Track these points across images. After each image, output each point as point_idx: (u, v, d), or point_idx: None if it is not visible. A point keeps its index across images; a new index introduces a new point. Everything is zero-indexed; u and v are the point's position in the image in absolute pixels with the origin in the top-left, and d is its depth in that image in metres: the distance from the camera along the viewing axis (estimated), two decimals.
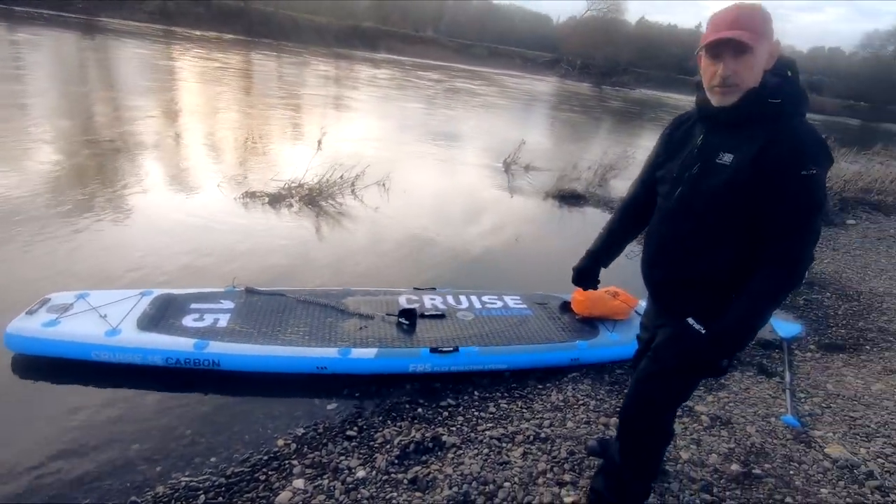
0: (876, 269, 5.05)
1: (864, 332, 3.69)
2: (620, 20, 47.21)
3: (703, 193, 1.32)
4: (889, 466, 2.07)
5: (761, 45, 1.22)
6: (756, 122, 1.25)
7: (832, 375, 2.94)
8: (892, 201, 7.47)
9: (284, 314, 2.73)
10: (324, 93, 13.93)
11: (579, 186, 6.81)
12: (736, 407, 2.50)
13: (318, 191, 5.16)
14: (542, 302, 3.27)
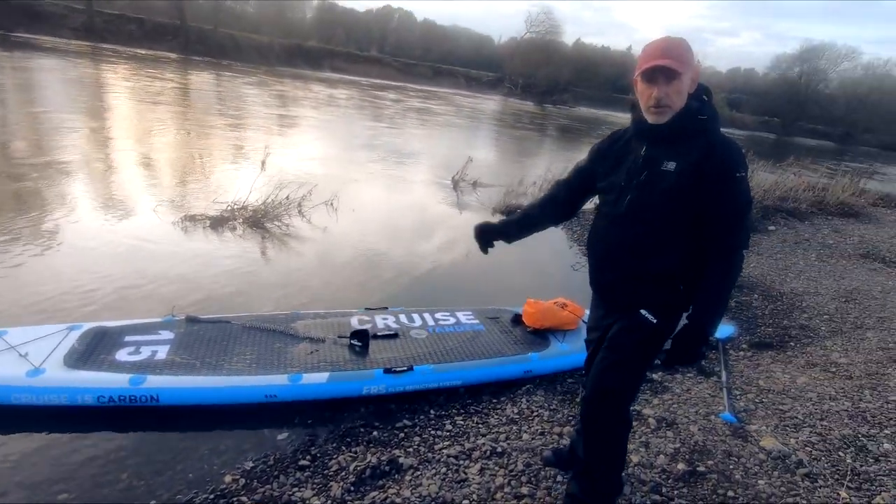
0: (795, 271, 5.49)
1: (789, 330, 4.00)
2: (558, 42, 49.49)
3: (651, 197, 1.48)
4: (815, 454, 2.23)
5: (686, 73, 1.42)
6: (690, 136, 1.45)
7: (763, 372, 3.15)
8: (805, 208, 8.18)
9: (229, 342, 2.62)
10: (268, 112, 13.63)
11: (525, 201, 6.99)
12: (679, 408, 2.62)
13: (263, 212, 5.01)
14: (494, 316, 3.32)
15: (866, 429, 2.45)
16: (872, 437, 2.37)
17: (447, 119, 19.17)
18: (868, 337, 3.86)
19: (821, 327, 4.08)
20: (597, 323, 1.76)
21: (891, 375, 3.08)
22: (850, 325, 4.14)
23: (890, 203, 10.22)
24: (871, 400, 2.75)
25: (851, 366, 3.24)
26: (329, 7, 53.75)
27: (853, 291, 4.94)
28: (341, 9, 55.25)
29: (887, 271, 5.81)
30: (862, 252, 6.47)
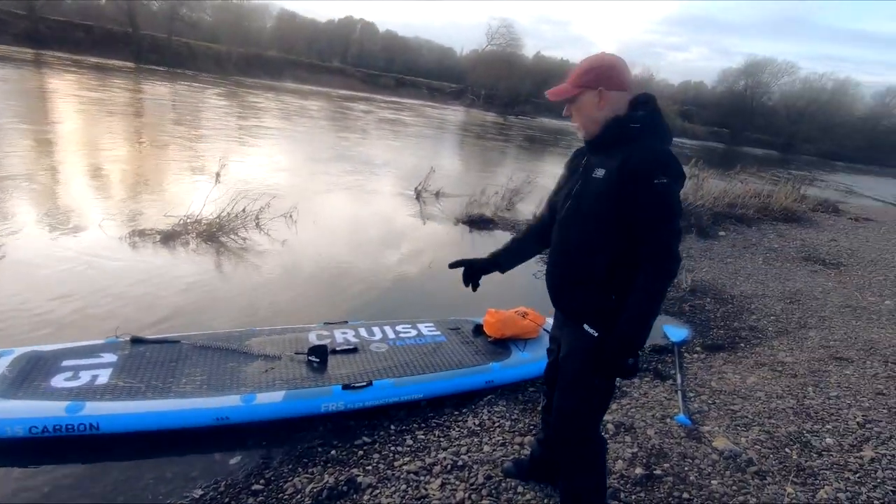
0: (744, 275, 5.74)
1: (739, 332, 4.16)
2: (518, 54, 50.60)
3: (583, 203, 1.54)
4: (764, 451, 2.32)
5: (582, 95, 1.52)
6: (620, 143, 1.48)
7: (715, 373, 3.25)
8: (752, 214, 8.59)
9: (178, 363, 2.50)
10: (226, 123, 13.29)
11: (488, 211, 7.07)
12: (637, 412, 2.67)
13: (218, 226, 4.85)
14: (456, 327, 3.31)
15: (810, 425, 2.57)
16: (816, 433, 2.48)
17: (411, 130, 19.20)
18: (811, 336, 4.06)
19: (768, 328, 4.27)
20: (554, 332, 1.78)
21: (831, 372, 3.24)
22: (794, 325, 4.35)
23: (828, 208, 10.87)
24: (814, 397, 2.88)
25: (796, 364, 3.40)
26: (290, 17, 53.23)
27: (797, 293, 5.20)
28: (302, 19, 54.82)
29: (826, 273, 6.15)
30: (804, 255, 6.83)
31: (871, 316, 4.70)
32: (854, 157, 45.93)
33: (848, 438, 2.44)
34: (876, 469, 2.20)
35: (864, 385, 3.05)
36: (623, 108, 1.50)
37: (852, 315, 4.69)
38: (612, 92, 1.49)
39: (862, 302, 5.11)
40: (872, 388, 3.02)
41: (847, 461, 2.26)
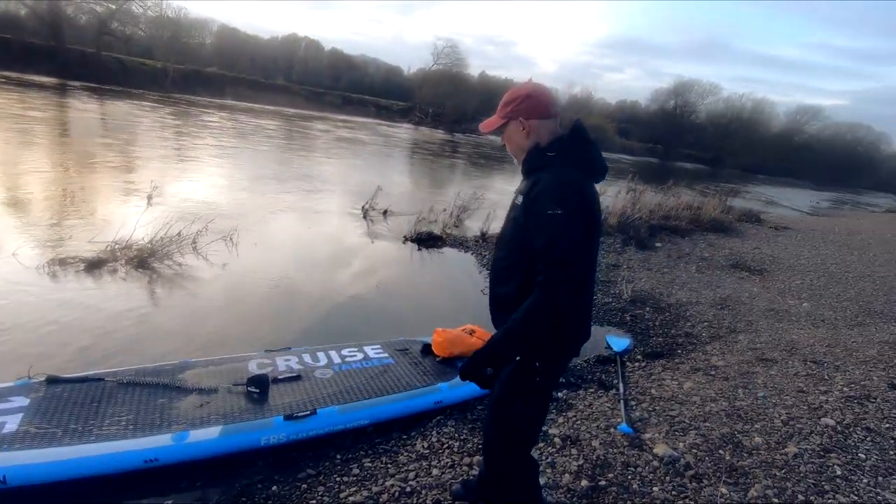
0: (679, 283, 6.05)
1: (676, 338, 4.37)
2: (465, 74, 51.79)
3: (506, 229, 1.61)
4: (700, 454, 2.42)
5: (508, 125, 1.59)
6: (538, 171, 1.52)
7: (655, 381, 3.39)
8: (685, 225, 9.13)
9: (101, 403, 2.31)
10: (162, 142, 12.68)
11: (436, 228, 7.09)
12: (582, 424, 2.73)
13: (150, 251, 4.58)
14: (404, 348, 3.27)
15: (741, 425, 2.71)
16: (746, 433, 2.63)
17: (358, 148, 19.09)
18: (740, 339, 4.33)
19: (702, 334, 4.51)
20: None
21: (758, 374, 3.46)
22: (725, 330, 4.62)
23: (751, 218, 11.72)
24: (743, 398, 3.05)
25: (727, 367, 3.60)
26: (231, 33, 51.98)
27: (727, 299, 5.54)
28: (245, 35, 53.68)
29: (752, 279, 6.60)
30: (732, 263, 7.31)
31: (792, 318, 5.08)
32: (772, 170, 50.12)
33: (774, 436, 2.60)
34: (799, 464, 2.35)
35: (787, 384, 3.27)
36: (546, 136, 1.54)
37: (775, 318, 5.04)
38: (534, 121, 1.54)
39: (783, 305, 5.51)
40: (794, 386, 3.24)
41: (774, 458, 2.40)
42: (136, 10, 34.90)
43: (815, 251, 9.00)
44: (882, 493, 2.17)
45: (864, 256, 9.00)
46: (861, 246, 10.22)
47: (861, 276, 7.31)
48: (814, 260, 8.15)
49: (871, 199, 35.67)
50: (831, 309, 5.52)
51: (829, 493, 2.16)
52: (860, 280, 7.03)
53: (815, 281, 6.74)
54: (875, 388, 3.21)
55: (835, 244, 10.09)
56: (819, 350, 3.99)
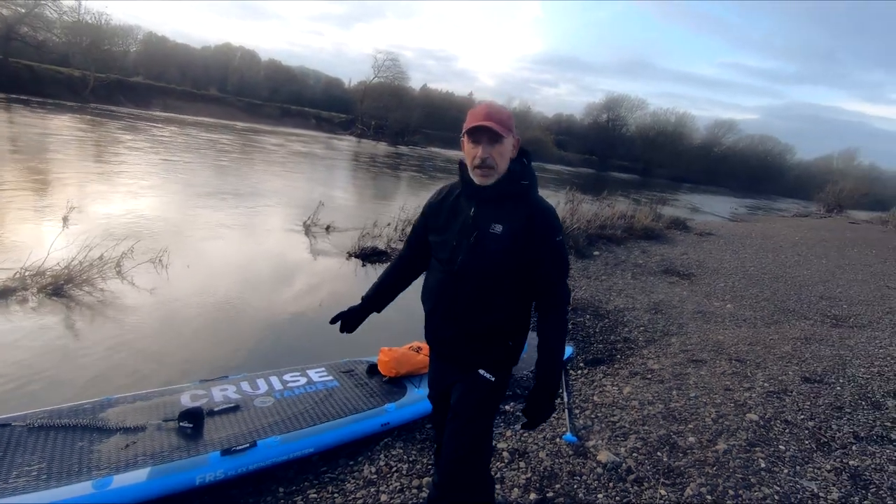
0: (616, 290, 6.33)
1: (615, 344, 4.55)
2: (406, 87, 52.12)
3: (483, 258, 1.54)
4: (640, 458, 2.52)
5: (508, 137, 1.52)
6: (513, 199, 1.55)
7: (596, 387, 3.51)
8: (620, 234, 9.61)
9: (8, 452, 2.08)
10: (79, 157, 11.77)
11: (381, 243, 7.03)
12: (529, 436, 2.77)
13: (67, 277, 4.22)
14: (349, 369, 3.19)
15: (676, 426, 2.86)
16: (680, 433, 2.77)
17: (299, 160, 18.63)
18: (672, 342, 4.58)
19: (639, 338, 4.73)
20: (437, 380, 1.77)
21: (690, 375, 3.67)
22: (659, 334, 4.87)
23: (679, 226, 12.51)
24: (677, 399, 3.22)
25: (662, 370, 3.79)
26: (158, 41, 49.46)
27: (659, 303, 5.86)
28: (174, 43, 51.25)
29: (681, 283, 7.03)
30: (663, 268, 7.75)
31: (717, 319, 5.45)
32: (696, 178, 54.01)
33: (705, 435, 2.76)
34: (728, 460, 2.50)
35: (715, 383, 3.49)
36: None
37: (703, 319, 5.38)
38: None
39: (709, 307, 5.90)
40: (722, 385, 3.46)
41: (706, 456, 2.54)
42: (51, 15, 32.39)
43: (735, 255, 9.73)
44: (800, 482, 2.35)
45: (777, 258, 9.84)
46: (775, 249, 11.17)
47: (775, 277, 7.98)
48: (735, 263, 8.80)
49: (781, 205, 39.14)
50: (751, 309, 5.97)
51: (755, 486, 2.30)
52: (775, 281, 7.67)
53: (737, 283, 7.28)
54: (791, 383, 3.49)
55: (752, 248, 10.96)
56: (742, 349, 4.29)
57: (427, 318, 1.72)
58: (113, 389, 2.80)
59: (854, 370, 3.78)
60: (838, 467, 2.48)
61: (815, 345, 4.44)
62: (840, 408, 3.14)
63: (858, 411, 3.11)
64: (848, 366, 3.87)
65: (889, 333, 5.13)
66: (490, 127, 1.48)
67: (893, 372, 3.78)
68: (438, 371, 1.77)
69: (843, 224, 20.21)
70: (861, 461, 2.55)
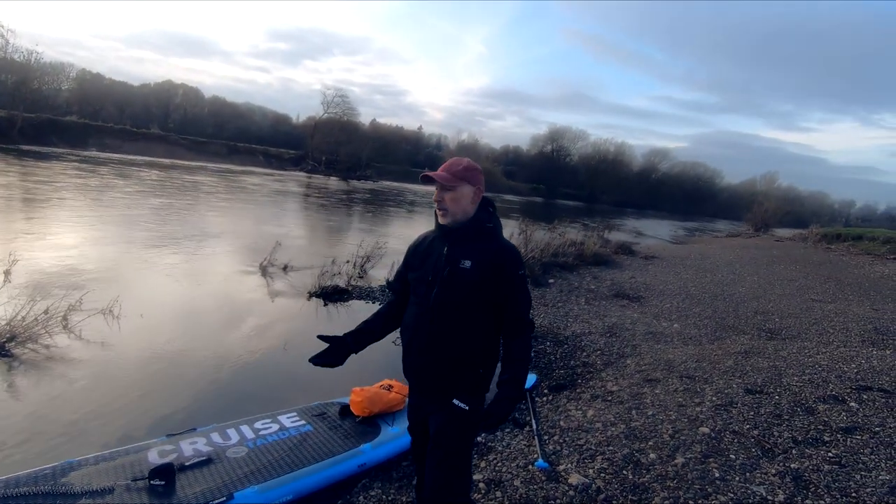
0: (573, 316, 6.62)
1: (575, 369, 4.76)
2: (355, 122, 52.59)
3: (454, 291, 1.72)
4: (607, 478, 2.67)
5: (462, 187, 1.76)
6: (480, 240, 1.77)
7: (562, 412, 3.66)
8: (572, 261, 10.05)
9: None
10: (9, 205, 11.08)
11: (341, 281, 7.03)
12: (503, 465, 2.86)
13: (10, 334, 3.98)
14: (321, 412, 3.19)
15: (637, 444, 3.04)
16: (642, 451, 2.95)
17: (251, 199, 18.30)
18: (628, 364, 4.83)
19: (597, 362, 4.96)
20: (415, 411, 1.88)
21: (646, 394, 3.90)
22: (615, 356, 5.13)
23: (625, 250, 13.21)
24: (637, 419, 3.42)
25: (621, 391, 4.01)
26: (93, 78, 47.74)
27: (613, 326, 6.17)
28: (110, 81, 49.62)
29: (632, 306, 7.42)
30: (614, 292, 8.16)
31: (666, 338, 5.80)
32: (637, 203, 57.15)
33: (665, 450, 2.95)
34: (686, 472, 2.69)
35: (669, 400, 3.73)
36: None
37: (654, 340, 5.72)
38: (481, 193, 1.82)
39: (658, 328, 6.27)
40: (675, 402, 3.71)
41: (667, 471, 2.72)
42: None
43: (677, 276, 10.37)
44: (750, 487, 2.56)
45: (714, 278, 10.57)
46: (712, 268, 11.99)
47: (714, 295, 8.57)
48: (678, 284, 9.39)
49: (715, 226, 41.95)
50: (695, 327, 6.40)
51: (712, 494, 2.50)
52: (714, 299, 8.24)
53: (681, 303, 7.77)
54: (735, 395, 3.78)
55: (692, 269, 11.71)
56: (690, 366, 4.60)
57: (404, 351, 1.86)
58: (73, 452, 2.67)
59: (789, 379, 4.15)
60: (782, 471, 2.73)
61: (754, 358, 4.82)
62: (779, 415, 3.44)
63: (795, 417, 3.42)
64: (783, 375, 4.24)
65: (815, 342, 5.64)
66: (432, 177, 1.76)
67: (822, 379, 4.18)
68: (415, 403, 1.87)
69: (769, 242, 21.94)
70: (801, 463, 2.82)
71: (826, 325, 6.63)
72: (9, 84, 32.64)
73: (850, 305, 8.14)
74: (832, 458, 2.89)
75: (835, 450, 2.99)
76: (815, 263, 14.11)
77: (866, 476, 2.69)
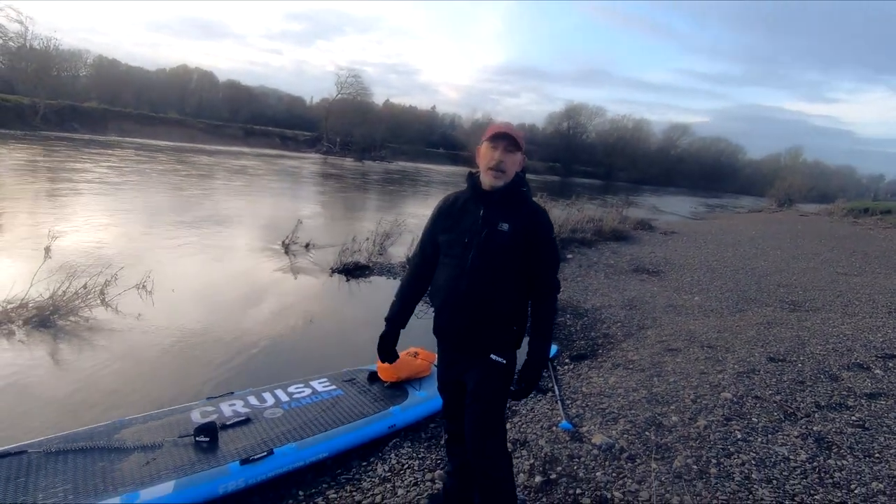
0: (592, 290, 6.64)
1: (596, 340, 4.81)
2: (369, 102, 52.27)
3: (491, 252, 1.77)
4: (630, 438, 2.74)
5: (519, 152, 1.81)
6: (516, 203, 1.81)
7: (584, 380, 3.73)
8: (590, 237, 10.02)
9: (30, 477, 2.12)
10: (46, 187, 11.42)
11: (362, 258, 7.14)
12: (528, 426, 2.96)
13: (52, 307, 4.18)
14: (350, 378, 3.31)
15: (660, 409, 3.10)
16: (664, 414, 3.01)
17: (270, 181, 18.50)
18: (648, 335, 4.87)
19: (617, 333, 5.00)
20: (449, 369, 1.94)
21: (667, 362, 3.94)
22: (636, 327, 5.16)
23: (644, 226, 13.09)
24: (658, 385, 3.47)
25: (642, 360, 4.06)
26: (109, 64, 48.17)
27: (633, 300, 6.18)
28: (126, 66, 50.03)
29: (651, 280, 7.41)
30: (633, 267, 8.14)
31: (687, 311, 5.80)
32: (656, 181, 56.05)
33: (686, 414, 3.01)
34: (709, 434, 2.75)
35: (691, 368, 3.77)
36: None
37: (674, 312, 5.72)
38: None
39: (679, 301, 6.26)
40: (697, 369, 3.75)
41: (689, 432, 2.78)
42: None
43: (698, 251, 10.27)
44: (772, 448, 2.61)
45: (737, 252, 10.44)
46: (734, 243, 11.83)
47: (736, 269, 8.49)
48: (699, 259, 9.31)
49: (736, 202, 41.08)
50: (717, 300, 6.37)
51: (734, 454, 2.56)
52: (736, 273, 8.16)
53: (702, 277, 7.72)
54: (757, 363, 3.80)
55: (714, 243, 11.57)
56: (712, 336, 4.62)
57: (438, 312, 1.90)
58: (121, 412, 2.84)
59: (812, 348, 4.15)
60: (804, 433, 2.77)
61: (777, 328, 4.81)
62: (802, 382, 3.46)
63: (818, 384, 3.44)
64: (807, 345, 4.24)
65: (840, 314, 5.59)
66: (510, 134, 1.78)
67: (846, 347, 4.16)
68: (450, 361, 1.93)
69: (794, 217, 21.46)
70: (823, 426, 2.85)
71: (851, 297, 6.54)
72: (29, 71, 33.13)
73: (878, 278, 8.00)
74: (855, 421, 2.92)
75: (858, 414, 3.01)
76: (841, 237, 13.81)
77: (890, 438, 2.71)
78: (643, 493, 2.24)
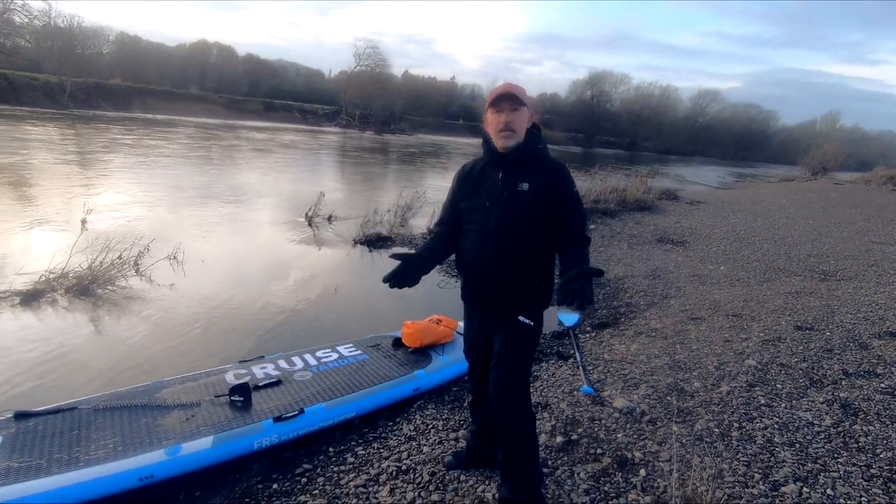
0: (615, 260, 6.58)
1: (618, 309, 4.80)
2: (388, 74, 51.59)
3: (513, 213, 1.77)
4: (651, 402, 2.77)
5: (525, 107, 1.79)
6: (534, 162, 1.80)
7: (605, 347, 3.75)
8: (613, 207, 9.85)
9: (82, 430, 2.27)
10: (74, 161, 11.75)
11: (383, 229, 7.20)
12: (549, 391, 3.01)
13: (91, 277, 4.37)
14: (375, 344, 3.40)
15: (682, 375, 3.11)
16: (686, 380, 3.02)
17: (292, 154, 18.62)
18: (672, 304, 4.83)
19: (640, 302, 4.98)
20: (477, 332, 1.97)
21: (690, 331, 3.92)
22: (659, 297, 5.13)
23: (669, 196, 12.79)
24: (681, 352, 3.47)
25: (665, 328, 4.05)
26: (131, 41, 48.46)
27: (657, 270, 6.12)
28: (147, 43, 50.26)
29: (676, 250, 7.29)
30: (657, 237, 8.01)
31: (712, 281, 5.71)
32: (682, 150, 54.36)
33: (709, 380, 3.01)
34: (731, 399, 2.75)
35: (714, 336, 3.75)
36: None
37: (699, 282, 5.65)
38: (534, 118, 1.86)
39: (704, 270, 6.17)
40: (721, 337, 3.72)
41: (711, 397, 2.79)
42: (20, 20, 31.53)
43: (725, 221, 10.02)
44: (796, 413, 2.61)
45: (766, 222, 10.15)
46: (763, 213, 11.49)
47: (765, 239, 8.28)
48: (725, 229, 9.09)
49: (767, 171, 39.65)
50: (744, 270, 6.25)
51: (756, 418, 2.56)
52: (765, 243, 7.97)
53: (729, 247, 7.56)
54: (784, 331, 3.75)
55: (741, 213, 11.26)
56: (737, 305, 4.56)
57: (465, 278, 1.93)
58: (158, 374, 2.99)
59: (842, 317, 4.06)
60: (830, 399, 2.75)
61: (806, 297, 4.72)
62: (830, 350, 3.41)
63: (847, 352, 3.39)
64: (836, 314, 4.15)
65: (874, 283, 5.44)
66: (511, 93, 1.76)
67: (878, 316, 4.07)
68: (477, 324, 1.96)
69: (828, 186, 20.66)
70: (850, 393, 2.82)
71: (886, 266, 6.34)
72: (55, 49, 33.61)
73: None
74: (884, 388, 2.88)
75: (888, 381, 2.97)
76: (878, 206, 13.28)
77: None
78: (663, 454, 2.28)
